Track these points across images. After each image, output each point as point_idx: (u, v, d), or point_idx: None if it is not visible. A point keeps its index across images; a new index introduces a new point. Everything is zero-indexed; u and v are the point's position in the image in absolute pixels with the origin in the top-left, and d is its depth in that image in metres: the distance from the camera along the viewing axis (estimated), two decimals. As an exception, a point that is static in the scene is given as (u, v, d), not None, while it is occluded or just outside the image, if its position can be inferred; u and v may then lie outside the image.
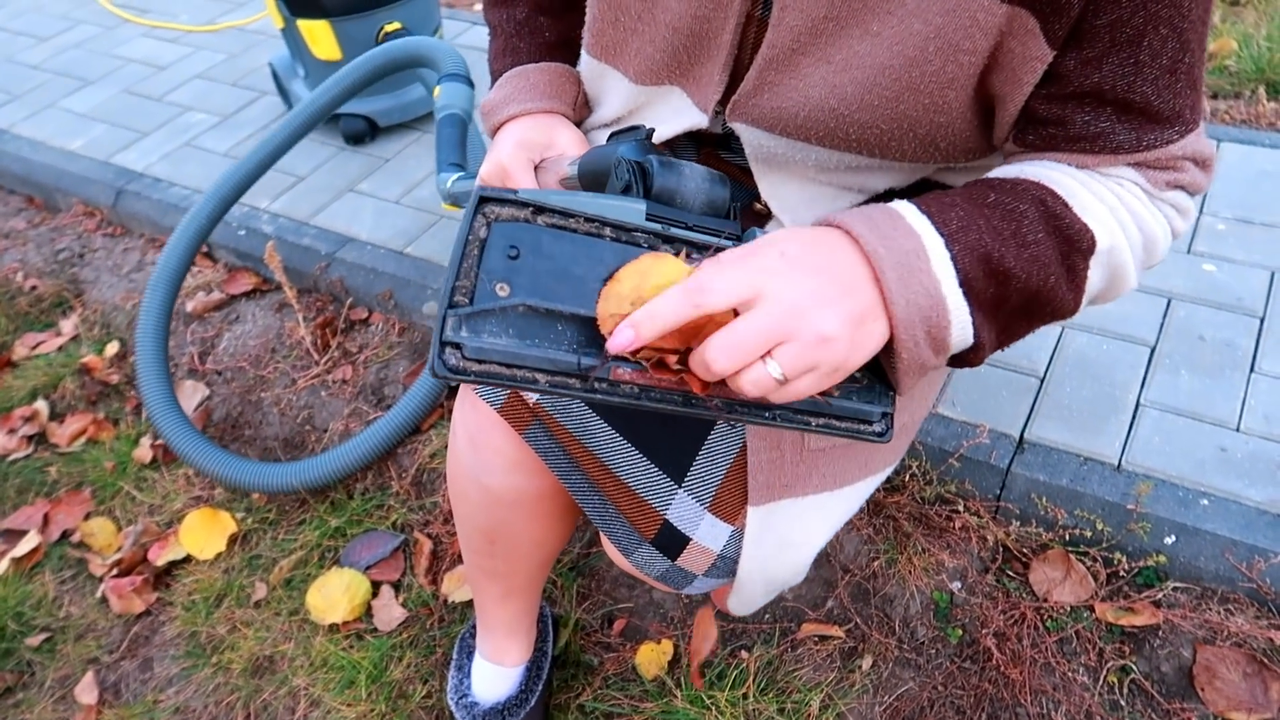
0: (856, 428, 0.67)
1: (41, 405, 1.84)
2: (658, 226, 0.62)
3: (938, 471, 1.43)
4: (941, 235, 0.63)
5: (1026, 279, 0.65)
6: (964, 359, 0.69)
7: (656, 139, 0.83)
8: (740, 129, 0.78)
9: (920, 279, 0.61)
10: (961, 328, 0.64)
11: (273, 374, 1.82)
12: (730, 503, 0.88)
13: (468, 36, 2.69)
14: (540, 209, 0.59)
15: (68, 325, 2.01)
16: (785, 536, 0.89)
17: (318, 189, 2.12)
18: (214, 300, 1.96)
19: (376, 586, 1.48)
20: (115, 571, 1.54)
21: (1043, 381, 1.49)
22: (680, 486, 0.88)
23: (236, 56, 2.69)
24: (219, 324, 1.93)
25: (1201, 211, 1.79)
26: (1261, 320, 1.55)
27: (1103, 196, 0.69)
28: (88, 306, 2.05)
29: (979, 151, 0.78)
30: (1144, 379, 1.47)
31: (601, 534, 0.95)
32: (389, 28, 2.10)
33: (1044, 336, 1.56)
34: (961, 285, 0.63)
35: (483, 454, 0.95)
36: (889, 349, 0.64)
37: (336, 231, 1.99)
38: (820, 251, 0.60)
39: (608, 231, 0.61)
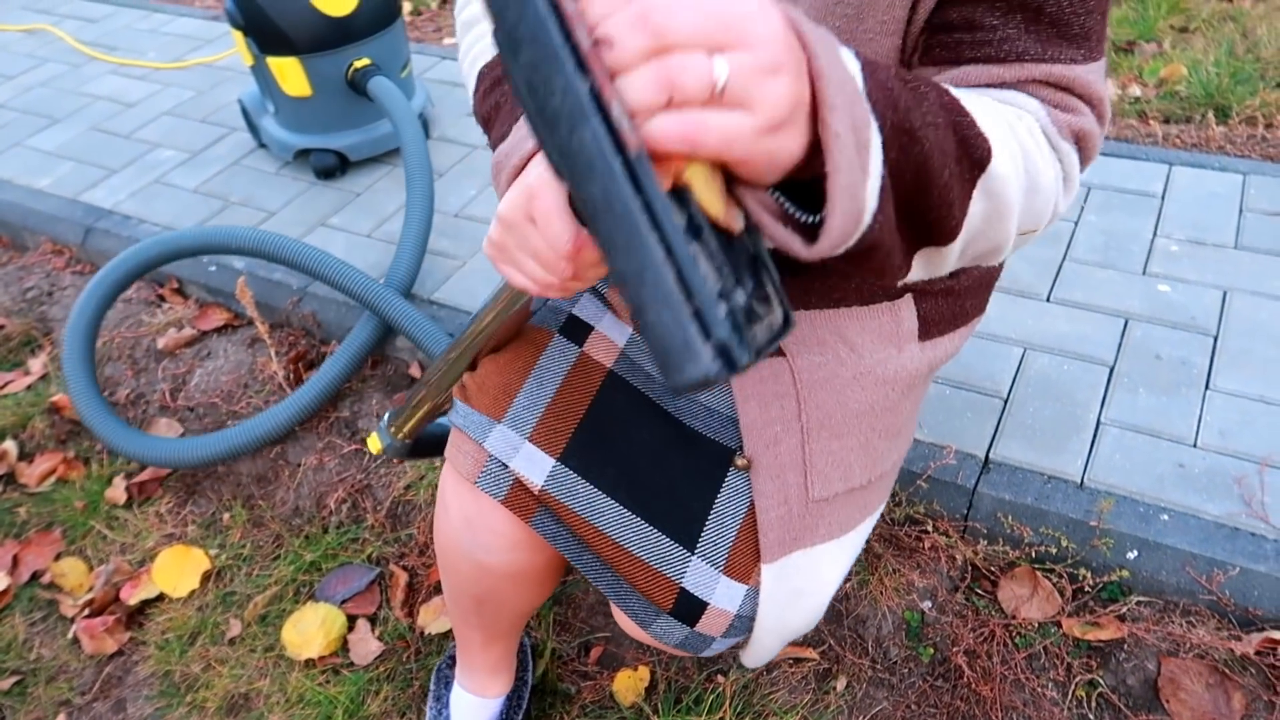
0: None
1: (10, 445, 1.82)
2: None
3: (906, 493, 1.45)
4: (859, 61, 0.54)
5: (927, 152, 0.57)
6: (864, 253, 0.57)
7: None
8: None
9: (843, 70, 0.50)
10: (877, 160, 0.53)
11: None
12: (743, 563, 0.88)
13: (437, 70, 2.71)
14: None
15: (36, 364, 2.00)
16: (799, 587, 0.89)
17: (289, 223, 2.13)
18: (185, 336, 1.96)
19: (352, 620, 1.48)
20: (87, 612, 1.53)
21: (1006, 402, 1.52)
22: (693, 553, 0.88)
23: (205, 93, 2.70)
24: (190, 360, 1.93)
25: (1155, 234, 1.84)
26: (1215, 338, 1.60)
27: (1002, 118, 0.64)
28: (57, 345, 2.04)
29: None
30: (1104, 398, 1.51)
31: (615, 607, 0.93)
32: (358, 64, 2.12)
33: (1005, 359, 1.60)
34: (874, 114, 0.53)
35: (480, 535, 0.93)
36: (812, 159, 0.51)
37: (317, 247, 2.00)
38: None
39: None
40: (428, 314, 1.81)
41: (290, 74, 2.11)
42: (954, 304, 0.92)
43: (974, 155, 0.60)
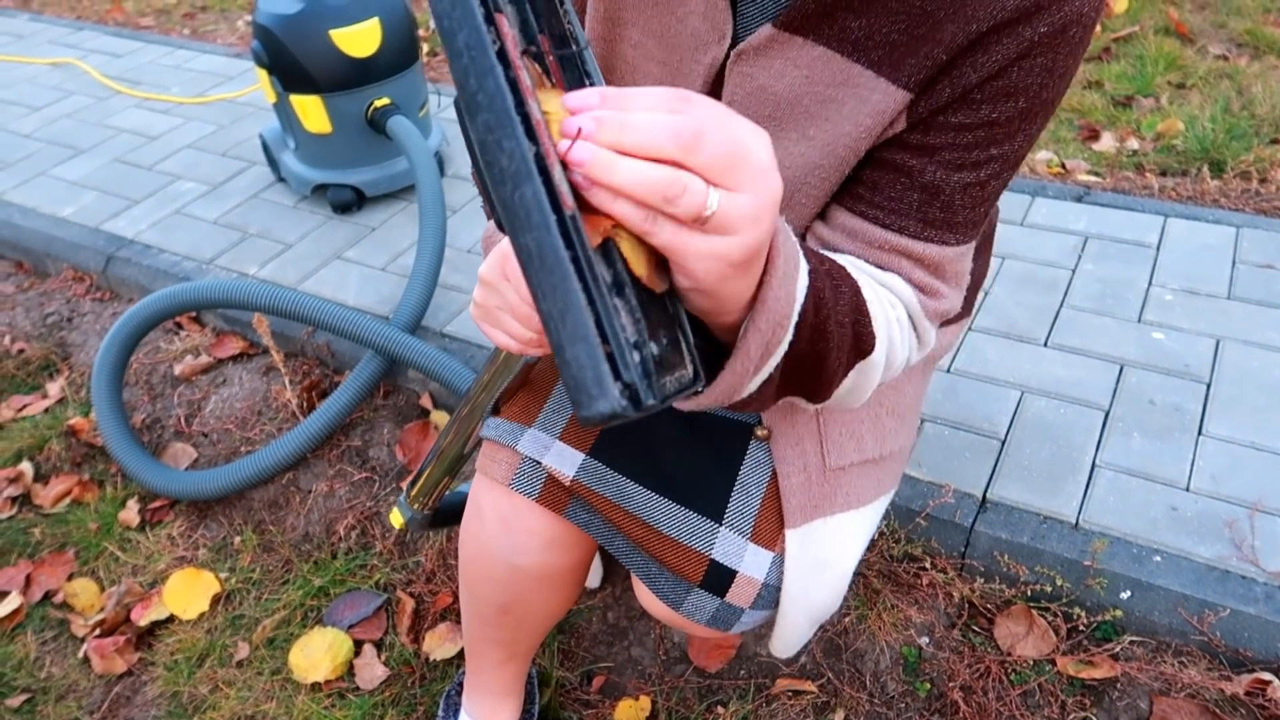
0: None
1: (26, 467, 1.86)
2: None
3: (905, 530, 1.49)
4: (809, 266, 0.64)
5: (828, 349, 0.67)
6: (743, 401, 0.68)
7: None
8: None
9: (790, 287, 0.59)
10: (775, 360, 0.63)
11: (259, 436, 1.86)
12: (768, 530, 0.94)
13: (453, 110, 2.79)
14: None
15: (54, 388, 2.04)
16: (821, 556, 0.94)
17: (305, 256, 2.19)
18: (201, 364, 2.00)
19: (359, 645, 1.50)
20: (98, 632, 1.56)
21: (1003, 443, 1.56)
22: (721, 524, 0.94)
23: (226, 128, 2.77)
24: (206, 387, 1.97)
25: (1150, 283, 1.89)
26: (1208, 386, 1.63)
27: (886, 315, 0.75)
28: (74, 370, 2.09)
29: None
30: (1099, 441, 1.55)
31: (643, 590, 0.99)
32: (378, 103, 2.19)
33: (1003, 401, 1.63)
34: (796, 324, 0.62)
35: (516, 535, 0.98)
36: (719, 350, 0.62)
37: (323, 297, 2.05)
38: None
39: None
40: (439, 346, 1.85)
41: (312, 112, 2.18)
42: None
43: (862, 348, 0.72)
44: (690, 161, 0.46)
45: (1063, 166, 2.44)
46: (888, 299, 0.77)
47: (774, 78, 0.77)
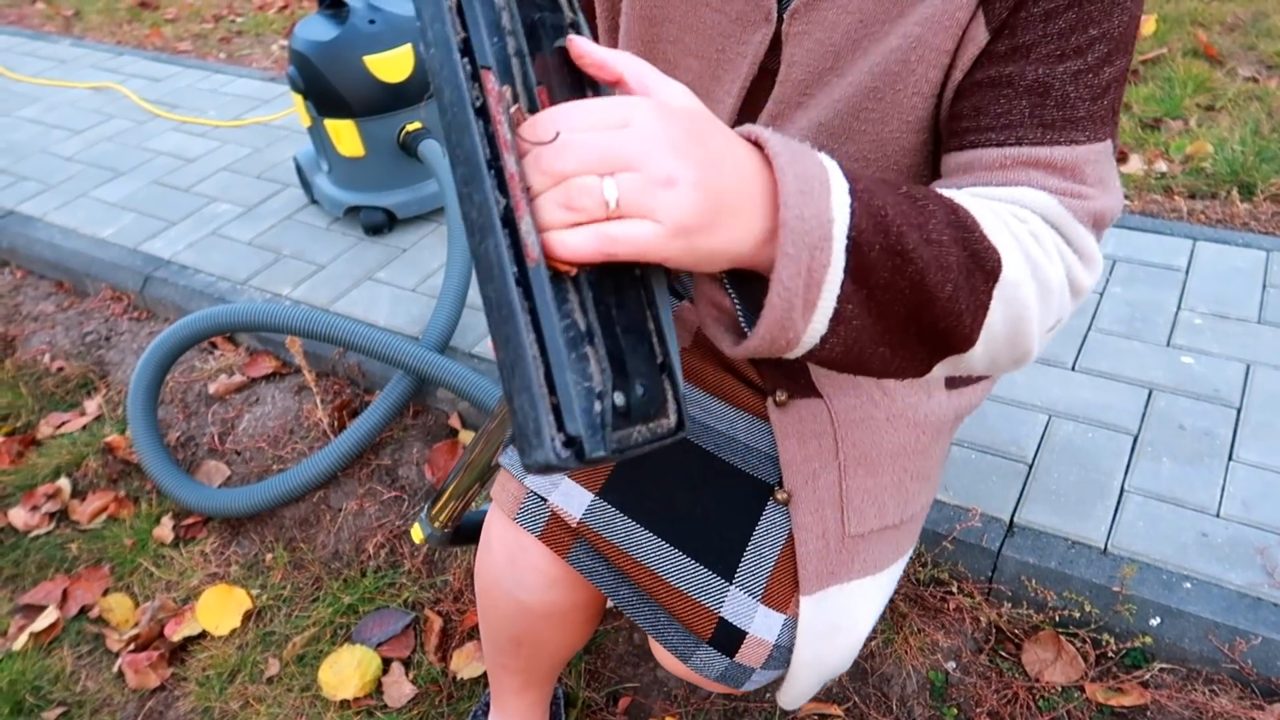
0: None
1: (64, 483, 1.90)
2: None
3: (932, 554, 1.48)
4: (849, 183, 0.56)
5: (924, 270, 0.58)
6: (838, 363, 0.60)
7: None
8: None
9: (817, 204, 0.53)
10: (832, 287, 0.55)
11: (290, 454, 1.89)
12: (781, 592, 0.91)
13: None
14: None
15: (92, 405, 2.09)
16: (836, 622, 0.92)
17: (337, 277, 2.22)
18: (235, 383, 2.04)
19: (387, 663, 1.52)
20: (132, 646, 1.58)
21: (1031, 467, 1.56)
22: (732, 583, 0.91)
23: (261, 150, 2.83)
24: (239, 405, 2.01)
25: (1179, 307, 1.88)
26: (1238, 411, 1.62)
27: (1013, 229, 0.65)
28: (112, 387, 2.13)
29: (929, 179, 0.81)
30: (1127, 466, 1.54)
31: (655, 642, 0.96)
32: (410, 127, 2.23)
33: (1031, 425, 1.63)
34: (849, 243, 0.55)
35: (521, 571, 0.97)
36: (748, 299, 0.59)
37: (355, 318, 2.08)
38: (714, 131, 0.52)
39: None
40: (468, 367, 1.87)
41: (345, 135, 2.22)
42: None
43: (985, 267, 0.62)
44: (572, 174, 0.48)
45: (1090, 189, 2.43)
46: (1009, 213, 0.67)
47: (829, 29, 0.75)
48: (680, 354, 1.01)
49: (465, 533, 1.26)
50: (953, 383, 0.97)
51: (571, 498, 0.93)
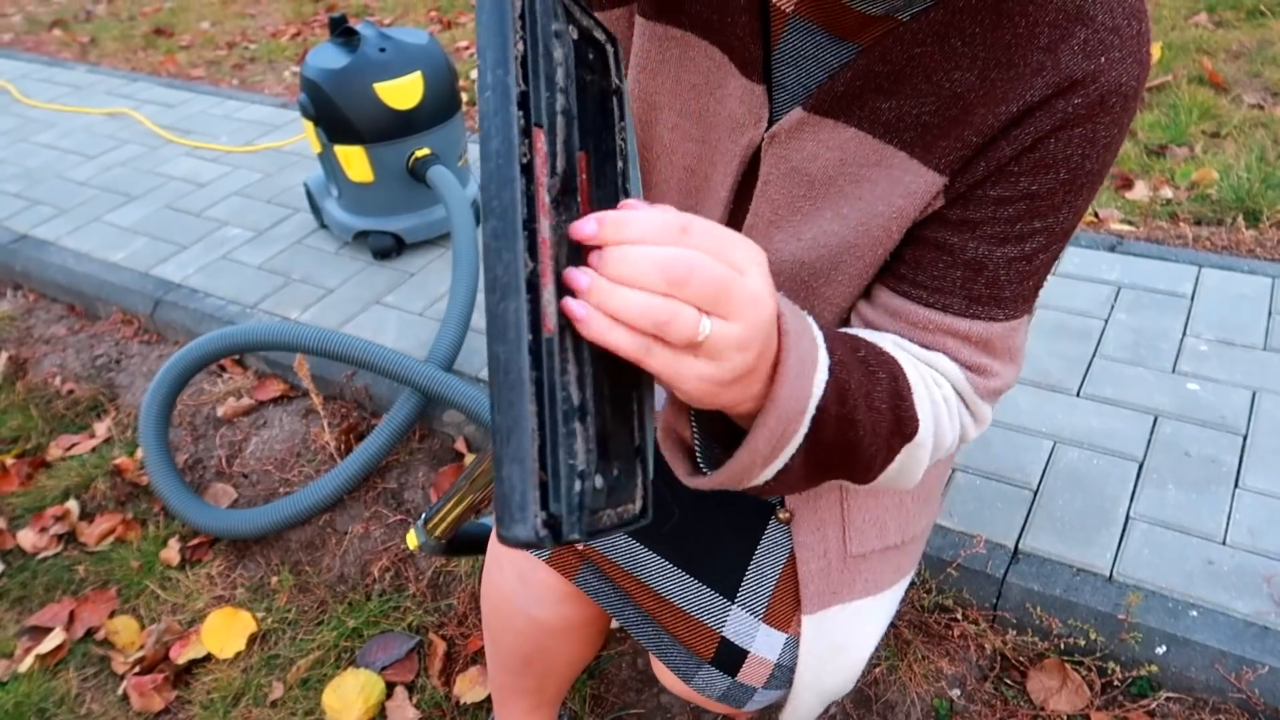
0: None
1: (72, 505, 1.91)
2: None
3: (936, 580, 1.48)
4: (829, 359, 0.62)
5: (860, 435, 0.66)
6: (760, 486, 0.66)
7: None
8: None
9: (804, 385, 0.59)
10: (790, 450, 0.62)
11: (297, 477, 1.89)
12: (782, 611, 0.92)
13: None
14: None
15: (101, 428, 2.10)
16: (838, 642, 0.92)
17: (346, 300, 2.24)
18: (243, 406, 2.05)
19: (391, 687, 1.52)
20: (137, 669, 1.59)
21: (1036, 494, 1.55)
22: (734, 602, 0.92)
23: (272, 175, 2.86)
24: (247, 428, 2.02)
25: (1185, 333, 1.88)
26: (1244, 438, 1.62)
27: (931, 395, 0.73)
28: (121, 410, 2.15)
29: None
30: (1133, 493, 1.54)
31: (657, 662, 0.97)
32: (419, 153, 2.25)
33: (1035, 451, 1.63)
34: (816, 413, 0.62)
35: (533, 588, 0.98)
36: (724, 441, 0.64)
37: (364, 338, 2.09)
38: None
39: None
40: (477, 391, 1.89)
41: (355, 161, 2.24)
42: None
43: (905, 431, 0.69)
44: (680, 294, 0.48)
45: (1095, 215, 2.44)
46: (932, 378, 0.75)
47: (808, 159, 0.77)
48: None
49: (459, 544, 1.26)
50: None
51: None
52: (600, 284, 0.47)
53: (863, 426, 0.65)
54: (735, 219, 0.85)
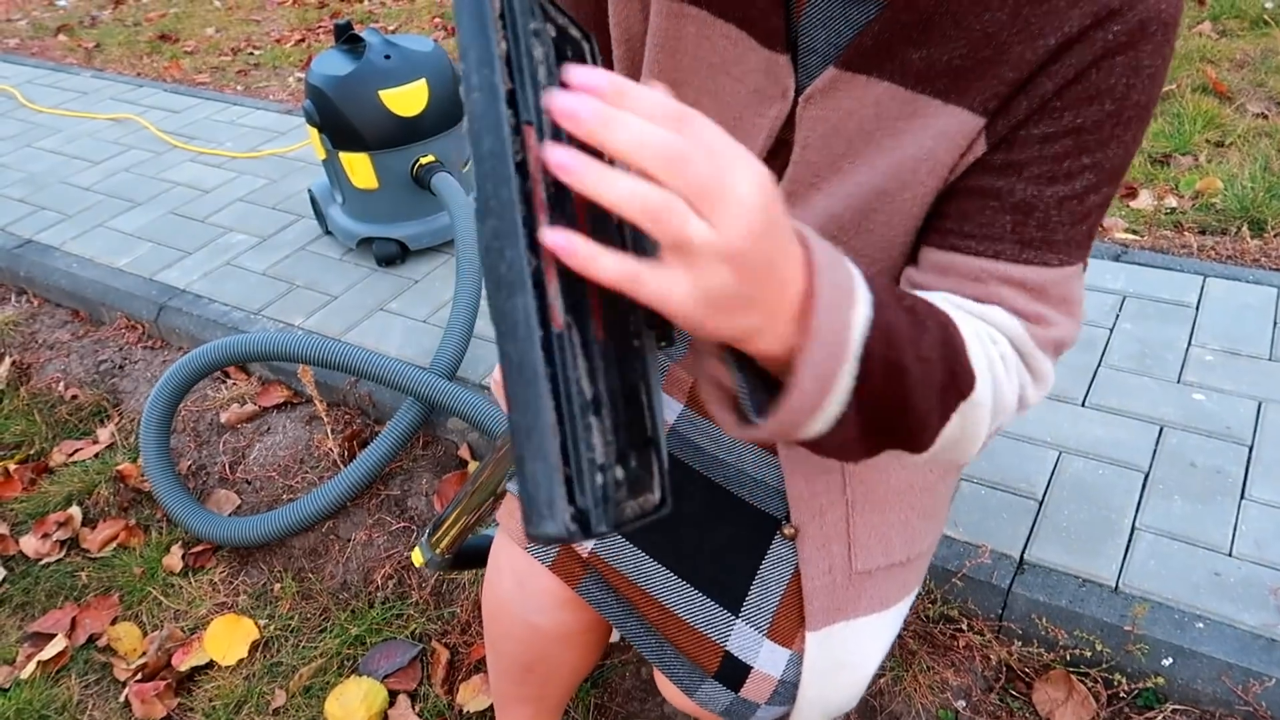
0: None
1: (75, 511, 1.91)
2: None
3: (941, 590, 1.48)
4: (871, 295, 0.58)
5: (911, 386, 0.61)
6: (827, 444, 0.62)
7: None
8: None
9: (844, 316, 0.55)
10: (840, 397, 0.57)
11: (300, 484, 1.89)
12: (786, 628, 0.91)
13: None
14: None
15: (104, 434, 2.10)
16: (842, 659, 0.92)
17: (350, 307, 2.24)
18: (247, 412, 2.05)
19: (394, 695, 1.51)
20: (139, 676, 1.58)
21: (1041, 504, 1.55)
22: (738, 617, 0.91)
23: (276, 182, 2.86)
24: (251, 435, 2.02)
25: (1190, 343, 1.88)
26: (1250, 448, 1.62)
27: (987, 351, 0.69)
28: (125, 416, 2.14)
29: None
30: (1139, 504, 1.53)
31: (660, 675, 0.97)
32: (424, 160, 2.25)
33: (1041, 461, 1.63)
34: (862, 356, 0.57)
35: (531, 594, 0.98)
36: (763, 385, 0.60)
37: (366, 348, 2.09)
38: (780, 225, 0.51)
39: None
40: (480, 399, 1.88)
41: (360, 168, 2.24)
42: None
43: (959, 387, 0.65)
44: (670, 183, 0.44)
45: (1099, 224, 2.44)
46: (987, 334, 0.71)
47: (845, 117, 0.76)
48: (691, 383, 1.02)
49: (465, 557, 1.27)
50: None
51: None
52: (593, 166, 0.43)
53: (913, 376, 0.61)
54: None
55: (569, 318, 0.47)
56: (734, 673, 0.91)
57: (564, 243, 0.45)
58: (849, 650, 0.92)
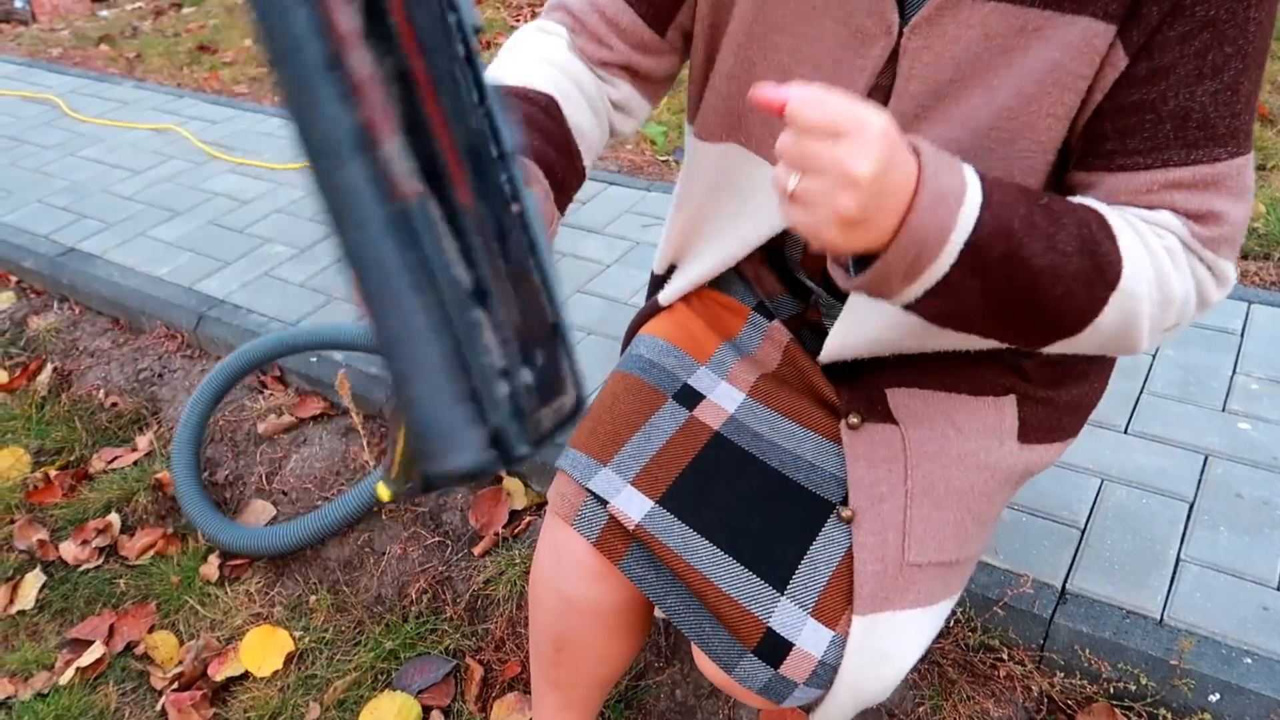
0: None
1: (114, 518, 1.93)
2: None
3: (982, 619, 1.46)
4: (984, 196, 0.68)
5: (1037, 275, 0.70)
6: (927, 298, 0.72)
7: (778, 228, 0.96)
8: None
9: (941, 216, 0.66)
10: (934, 274, 0.69)
11: (336, 496, 1.90)
12: (832, 608, 0.92)
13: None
14: None
15: (143, 441, 2.12)
16: (884, 649, 0.92)
17: (386, 320, 2.25)
18: (284, 423, 2.07)
19: (427, 711, 1.51)
20: (175, 685, 1.59)
21: (1083, 533, 1.53)
22: (783, 594, 0.92)
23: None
24: (287, 446, 2.03)
25: (1235, 371, 1.85)
26: (1298, 480, 1.59)
27: (1147, 242, 0.74)
28: (163, 424, 2.17)
29: None
30: (1183, 534, 1.51)
31: (699, 652, 0.97)
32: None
33: (1083, 489, 1.61)
34: (968, 246, 0.67)
35: (565, 564, 1.00)
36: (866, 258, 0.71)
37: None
38: (897, 152, 0.64)
39: None
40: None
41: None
42: (1051, 415, 0.99)
43: (1106, 277, 0.72)
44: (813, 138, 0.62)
45: (1140, 248, 2.41)
46: (1150, 231, 0.75)
47: (950, 43, 0.78)
48: (758, 376, 1.03)
49: (434, 480, 1.27)
50: (1025, 436, 0.98)
51: (633, 503, 0.95)
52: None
53: (1038, 266, 0.69)
54: None
55: (421, 185, 0.37)
56: (775, 649, 0.91)
57: (411, 185, 0.37)
58: (891, 641, 0.92)
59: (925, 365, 0.97)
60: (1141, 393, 1.81)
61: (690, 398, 1.03)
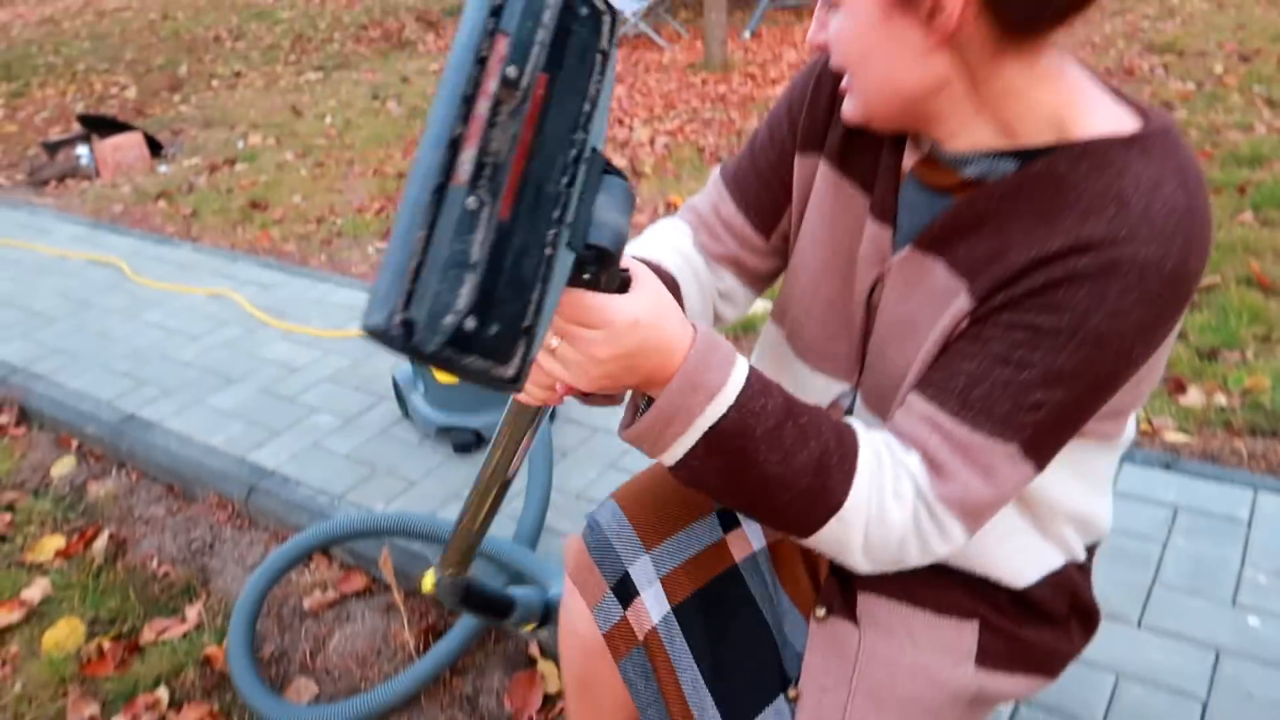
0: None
1: (162, 693, 2.01)
2: None
3: (1002, 822, 1.50)
4: (737, 398, 0.80)
5: (765, 479, 0.82)
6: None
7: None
8: (857, 406, 1.05)
9: (688, 400, 0.79)
10: (681, 446, 0.82)
11: (376, 675, 1.98)
12: None
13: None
14: None
15: (192, 613, 2.22)
16: None
17: (428, 495, 2.37)
18: (329, 599, 2.16)
19: None
20: None
21: (1100, 733, 1.58)
22: None
23: (360, 362, 3.05)
24: (331, 622, 2.12)
25: (1243, 564, 1.91)
26: (1309, 680, 1.64)
27: (882, 484, 0.85)
28: (213, 595, 2.27)
29: None
30: (1198, 737, 1.56)
31: None
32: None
33: (1099, 686, 1.66)
34: (710, 431, 0.80)
35: (575, 602, 1.13)
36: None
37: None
38: (656, 335, 0.77)
39: None
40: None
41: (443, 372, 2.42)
42: (1012, 647, 1.05)
43: (829, 502, 0.84)
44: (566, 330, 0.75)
45: (1150, 423, 2.50)
46: (893, 474, 0.86)
47: (912, 286, 0.94)
48: (770, 539, 1.15)
49: (476, 598, 1.36)
50: (983, 661, 1.03)
51: (657, 603, 1.07)
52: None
53: (769, 474, 0.82)
54: (863, 341, 1.03)
55: (478, 191, 0.56)
56: None
57: (465, 177, 0.57)
58: None
59: (899, 575, 1.01)
60: (1154, 584, 1.87)
61: (729, 521, 1.16)
